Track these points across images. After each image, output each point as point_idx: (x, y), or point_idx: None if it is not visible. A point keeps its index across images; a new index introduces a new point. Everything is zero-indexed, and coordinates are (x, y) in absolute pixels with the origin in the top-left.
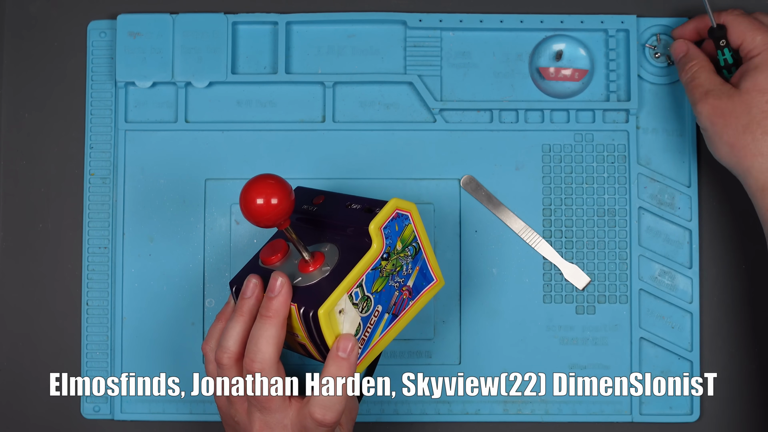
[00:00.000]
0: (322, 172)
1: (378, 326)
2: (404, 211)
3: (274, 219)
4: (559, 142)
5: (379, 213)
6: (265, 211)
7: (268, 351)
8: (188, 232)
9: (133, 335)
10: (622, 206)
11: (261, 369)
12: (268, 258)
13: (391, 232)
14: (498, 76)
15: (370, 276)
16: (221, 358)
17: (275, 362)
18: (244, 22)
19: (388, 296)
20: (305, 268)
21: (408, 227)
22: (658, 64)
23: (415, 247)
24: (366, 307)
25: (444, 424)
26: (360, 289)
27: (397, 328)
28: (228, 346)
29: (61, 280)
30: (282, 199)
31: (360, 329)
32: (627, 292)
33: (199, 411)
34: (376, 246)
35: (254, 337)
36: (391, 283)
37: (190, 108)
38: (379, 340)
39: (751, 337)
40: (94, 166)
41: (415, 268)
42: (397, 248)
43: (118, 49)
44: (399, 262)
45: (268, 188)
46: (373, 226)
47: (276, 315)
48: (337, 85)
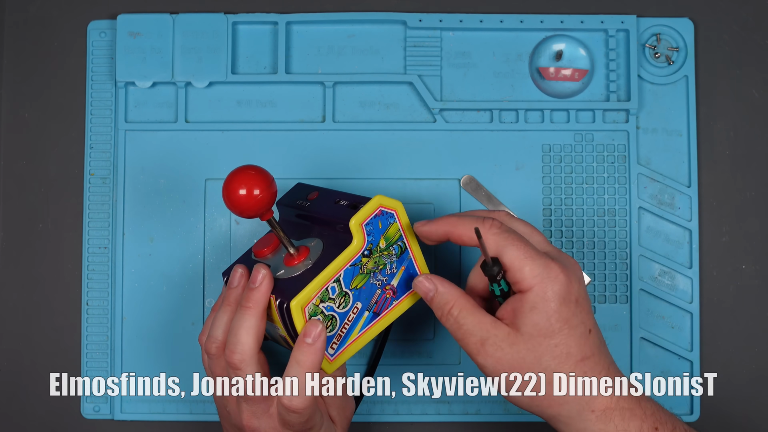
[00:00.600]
0: (322, 172)
1: (356, 324)
2: (389, 209)
3: (256, 209)
4: (559, 142)
5: (361, 209)
6: (246, 202)
7: (248, 342)
8: (188, 232)
9: (133, 335)
10: (622, 206)
11: (242, 360)
12: (260, 251)
13: (373, 229)
14: (498, 76)
15: (349, 272)
16: (210, 348)
17: (255, 352)
18: (244, 22)
19: (368, 294)
20: (290, 261)
21: (393, 225)
22: (658, 64)
23: (401, 246)
24: (344, 303)
25: (444, 424)
26: (337, 284)
27: (377, 327)
28: (216, 335)
29: (61, 280)
30: (263, 190)
31: (336, 325)
32: (627, 292)
33: (199, 411)
34: (356, 242)
35: (234, 327)
36: (372, 281)
37: (190, 108)
38: (357, 338)
39: (751, 337)
40: (94, 166)
41: (401, 268)
42: (380, 246)
43: (118, 49)
44: (382, 260)
45: (250, 179)
46: (354, 222)
47: (255, 306)
48: (337, 85)
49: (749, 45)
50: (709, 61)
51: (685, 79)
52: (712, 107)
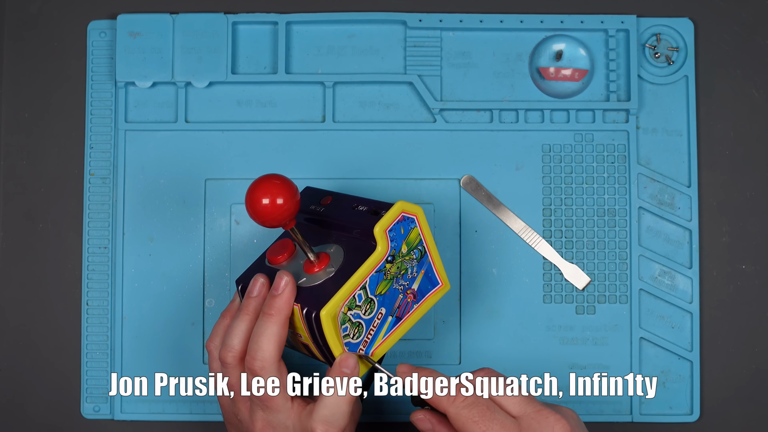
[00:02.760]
0: (322, 173)
1: (381, 329)
2: (410, 214)
3: (280, 219)
4: (559, 142)
5: (385, 215)
6: (270, 211)
7: (269, 349)
8: (188, 232)
9: (133, 335)
10: (622, 206)
11: (262, 367)
12: (275, 258)
13: (396, 235)
14: (498, 76)
15: (374, 278)
16: (225, 357)
17: (276, 360)
18: (244, 22)
19: (392, 299)
20: (310, 269)
21: (414, 230)
22: (658, 64)
23: (421, 250)
24: (369, 309)
25: None
26: (363, 291)
27: (400, 331)
28: (233, 344)
29: (61, 280)
30: (287, 200)
31: (363, 331)
32: (627, 292)
33: (199, 411)
34: (381, 248)
35: (256, 334)
36: (395, 286)
37: (190, 108)
38: (382, 343)
39: (751, 337)
40: (94, 166)
41: (421, 272)
42: (402, 251)
43: (118, 49)
44: (404, 265)
45: (273, 188)
46: (378, 229)
47: (278, 313)
48: (337, 85)
49: (749, 45)
50: (709, 61)
51: (685, 79)
52: (712, 107)
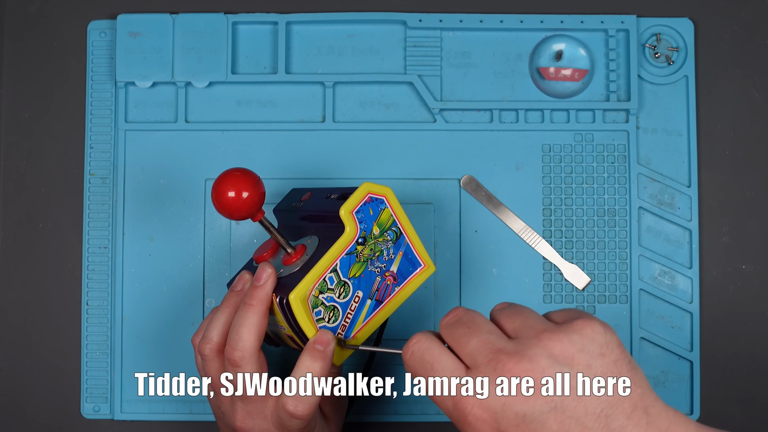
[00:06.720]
0: (322, 172)
1: (360, 312)
2: (378, 195)
3: (246, 211)
4: (559, 142)
5: (350, 198)
6: (236, 204)
7: (249, 339)
8: (188, 232)
9: (133, 335)
10: (622, 206)
11: (242, 357)
12: (260, 256)
13: (365, 217)
14: (498, 76)
15: (345, 261)
16: (203, 349)
17: (256, 351)
18: (244, 22)
19: (368, 282)
20: (288, 260)
21: (385, 211)
22: (658, 64)
23: (396, 231)
24: (344, 292)
25: (444, 424)
26: (335, 273)
27: (383, 314)
28: (211, 336)
29: (61, 280)
30: (252, 191)
31: (339, 315)
32: (627, 292)
33: (199, 411)
34: (349, 230)
35: (236, 325)
36: (371, 268)
37: (190, 108)
38: (363, 326)
39: (751, 337)
40: (94, 166)
41: (399, 253)
42: (374, 233)
43: (118, 49)
44: (378, 247)
45: (237, 181)
46: (344, 211)
47: (259, 303)
48: (337, 85)
49: (749, 45)
50: (709, 61)
51: (685, 79)
52: (712, 107)
